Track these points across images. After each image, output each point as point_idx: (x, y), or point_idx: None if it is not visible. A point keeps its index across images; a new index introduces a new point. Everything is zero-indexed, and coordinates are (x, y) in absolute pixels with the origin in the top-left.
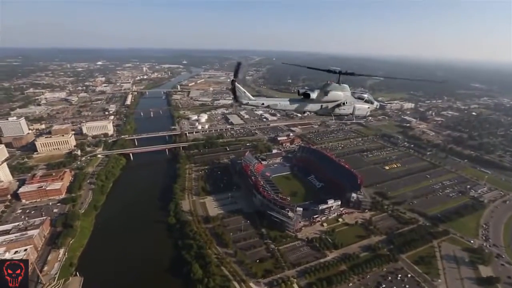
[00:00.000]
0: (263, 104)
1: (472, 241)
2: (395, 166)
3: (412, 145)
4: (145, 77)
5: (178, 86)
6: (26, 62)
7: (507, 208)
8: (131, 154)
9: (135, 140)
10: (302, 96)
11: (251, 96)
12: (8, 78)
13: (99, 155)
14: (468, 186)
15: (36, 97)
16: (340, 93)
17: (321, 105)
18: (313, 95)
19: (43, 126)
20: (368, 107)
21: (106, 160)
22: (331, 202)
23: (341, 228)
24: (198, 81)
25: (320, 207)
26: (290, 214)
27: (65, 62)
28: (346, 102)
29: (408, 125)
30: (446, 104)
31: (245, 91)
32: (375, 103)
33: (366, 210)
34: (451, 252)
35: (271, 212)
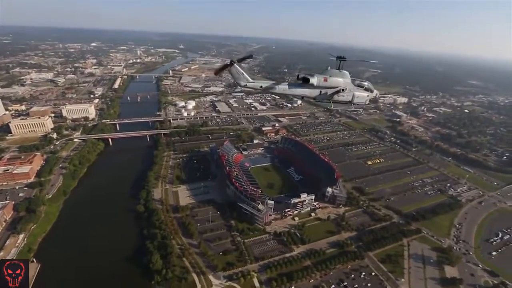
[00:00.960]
0: (261, 86)
1: (442, 241)
2: (378, 161)
3: (398, 141)
4: (138, 60)
5: (170, 71)
6: (17, 40)
7: (483, 209)
8: (110, 139)
9: (117, 125)
10: (301, 81)
11: (249, 78)
12: None
13: (75, 139)
14: (448, 185)
15: (22, 77)
16: (340, 79)
17: (320, 91)
18: (313, 80)
19: (23, 107)
20: (368, 95)
21: (83, 145)
22: (304, 196)
23: (312, 223)
24: (192, 67)
25: (292, 201)
26: (260, 206)
27: (57, 42)
28: (346, 89)
29: (398, 120)
30: (440, 100)
31: (244, 72)
32: (375, 91)
33: (341, 206)
34: (420, 251)
35: (242, 204)
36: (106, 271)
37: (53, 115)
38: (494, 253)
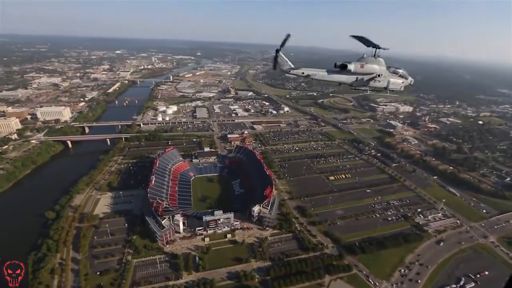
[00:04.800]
0: (303, 73)
1: (377, 284)
2: (344, 176)
3: (379, 154)
4: (149, 66)
5: (171, 77)
6: (52, 48)
7: (452, 244)
8: (69, 142)
9: (85, 128)
10: (339, 68)
11: (292, 65)
12: (21, 62)
13: (33, 141)
14: (419, 210)
15: (32, 81)
16: (376, 66)
17: (357, 77)
18: (350, 66)
19: (8, 109)
20: (402, 82)
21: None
22: (218, 213)
23: (222, 246)
24: (197, 73)
25: (205, 219)
26: (165, 222)
27: (86, 50)
28: (381, 75)
29: (391, 130)
30: (452, 110)
31: (287, 60)
32: (410, 78)
33: (268, 228)
34: None
35: (147, 218)
36: None
37: (29, 116)
38: None
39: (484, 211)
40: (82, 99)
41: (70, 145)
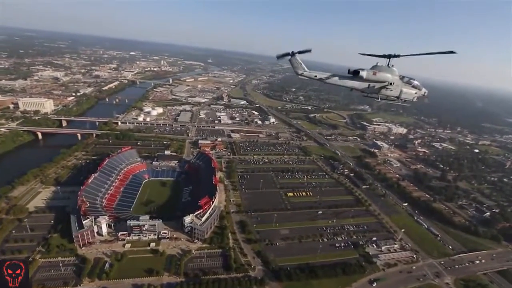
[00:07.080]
0: (315, 76)
1: None
2: (304, 194)
3: (352, 174)
4: (155, 69)
5: (170, 80)
6: (71, 45)
7: (398, 282)
8: (39, 134)
9: (63, 121)
10: (351, 74)
11: (306, 68)
12: (35, 56)
13: (2, 129)
14: (374, 238)
15: (35, 73)
16: (389, 75)
17: (369, 84)
18: (362, 73)
19: None
20: (416, 93)
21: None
22: (143, 219)
23: (140, 255)
24: (199, 78)
25: (128, 223)
26: (87, 223)
27: (102, 49)
28: (393, 84)
29: (375, 151)
30: (450, 136)
31: (301, 63)
32: (423, 89)
33: (196, 241)
34: None
35: (72, 216)
36: None
37: (12, 105)
38: None
39: (450, 247)
40: (74, 94)
41: (40, 137)
